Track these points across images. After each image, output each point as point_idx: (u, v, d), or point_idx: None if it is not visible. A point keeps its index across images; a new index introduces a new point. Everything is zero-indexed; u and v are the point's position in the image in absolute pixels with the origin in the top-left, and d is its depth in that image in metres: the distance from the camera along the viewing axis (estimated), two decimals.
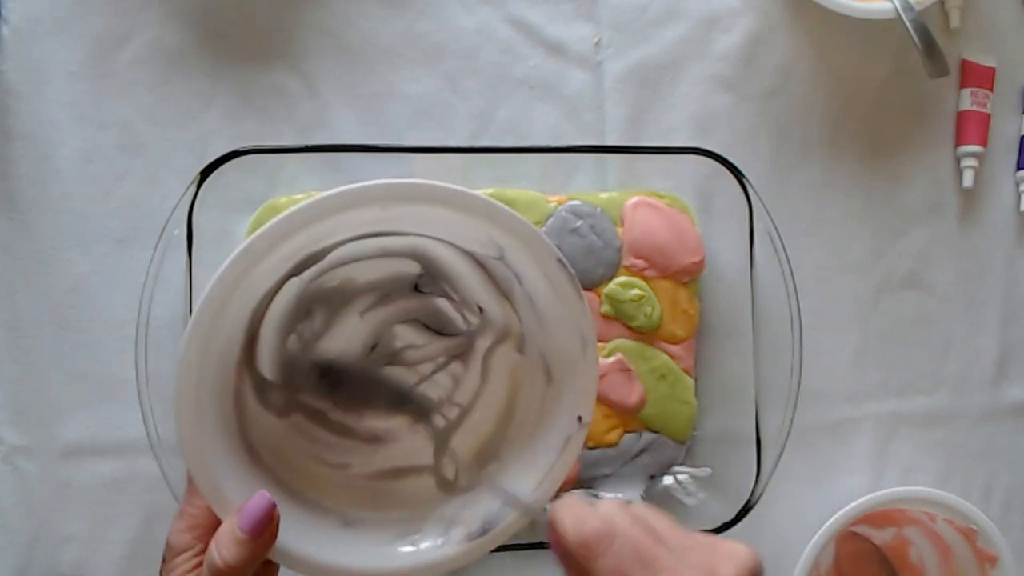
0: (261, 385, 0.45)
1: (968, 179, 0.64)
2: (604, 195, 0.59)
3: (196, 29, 0.59)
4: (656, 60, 0.62)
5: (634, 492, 0.58)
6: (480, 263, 0.46)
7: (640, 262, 0.58)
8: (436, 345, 0.48)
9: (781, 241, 0.56)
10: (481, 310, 0.47)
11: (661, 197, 0.59)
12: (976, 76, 0.64)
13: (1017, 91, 0.66)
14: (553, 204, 0.58)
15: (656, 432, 0.59)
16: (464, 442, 0.48)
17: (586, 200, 0.58)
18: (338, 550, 0.43)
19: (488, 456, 0.47)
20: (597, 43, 0.62)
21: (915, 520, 0.62)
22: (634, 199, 0.58)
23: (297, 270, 0.44)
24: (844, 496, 0.59)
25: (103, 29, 0.58)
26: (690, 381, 0.59)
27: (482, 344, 0.48)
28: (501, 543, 0.45)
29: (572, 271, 0.43)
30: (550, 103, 0.62)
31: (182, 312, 0.53)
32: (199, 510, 0.41)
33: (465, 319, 0.48)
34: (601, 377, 0.57)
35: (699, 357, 0.60)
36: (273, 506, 0.40)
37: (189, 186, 0.53)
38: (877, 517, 0.61)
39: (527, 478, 0.45)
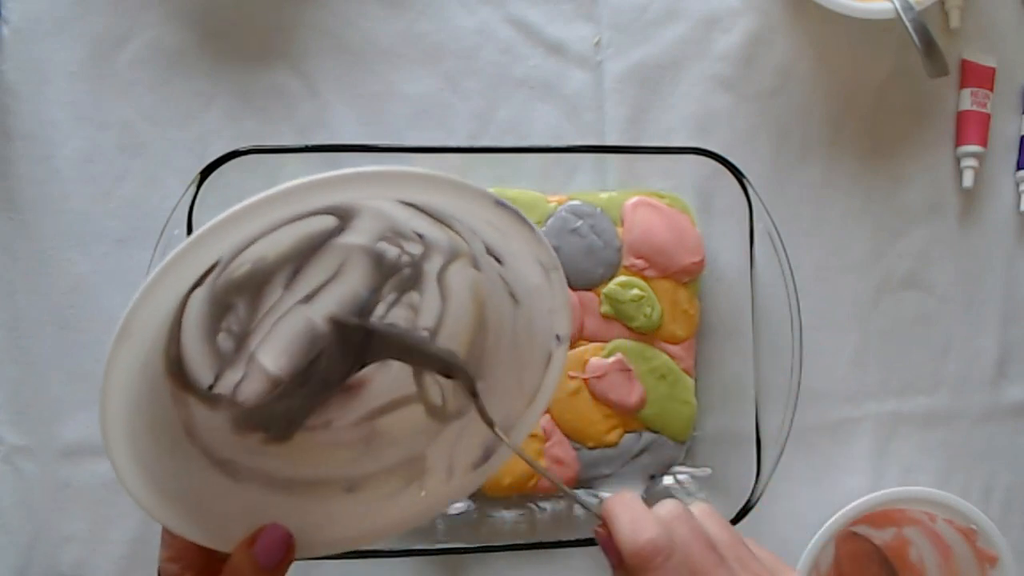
0: (207, 397, 0.41)
1: (968, 179, 0.64)
2: (604, 195, 0.59)
3: (196, 29, 0.59)
4: (656, 60, 0.62)
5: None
6: (408, 204, 0.41)
7: (640, 262, 0.58)
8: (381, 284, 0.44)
9: (781, 241, 0.56)
10: (420, 236, 0.43)
11: (661, 197, 0.59)
12: (976, 76, 0.64)
13: (1017, 91, 0.66)
14: (553, 204, 0.58)
15: (656, 432, 0.59)
16: None
17: (586, 200, 0.58)
18: (351, 519, 0.42)
19: (471, 376, 0.44)
20: (597, 43, 0.62)
21: (915, 520, 0.62)
22: (634, 199, 0.58)
23: (200, 281, 0.39)
24: (844, 496, 0.59)
25: (103, 29, 0.58)
26: (690, 381, 0.59)
27: (432, 267, 0.44)
28: (505, 460, 0.44)
29: (515, 208, 0.38)
30: (550, 103, 0.62)
31: None
32: (180, 539, 0.39)
33: (403, 249, 0.44)
34: (601, 377, 0.57)
35: (699, 357, 0.60)
36: (289, 536, 0.39)
37: (189, 186, 0.53)
38: (877, 517, 0.61)
39: (515, 399, 0.44)
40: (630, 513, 0.38)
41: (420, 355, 0.45)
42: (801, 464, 0.62)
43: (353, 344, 0.44)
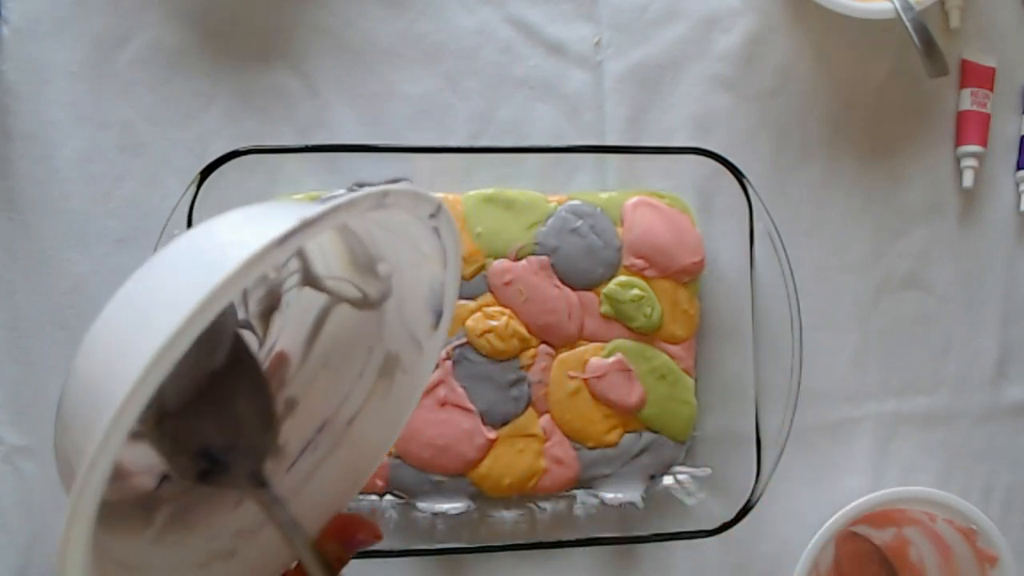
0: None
1: (968, 179, 0.64)
2: (604, 195, 0.59)
3: (196, 29, 0.59)
4: (656, 60, 0.62)
5: (634, 492, 0.58)
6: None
7: (640, 262, 0.58)
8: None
9: (781, 241, 0.56)
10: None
11: (661, 197, 0.59)
12: (976, 76, 0.64)
13: (1017, 91, 0.66)
14: (553, 204, 0.58)
15: (656, 432, 0.59)
16: (332, 265, 0.42)
17: (586, 200, 0.58)
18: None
19: (374, 263, 0.42)
20: (597, 43, 0.62)
21: (915, 520, 0.62)
22: (634, 199, 0.59)
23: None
24: (844, 496, 0.59)
25: (103, 29, 0.58)
26: (690, 381, 0.59)
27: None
28: (454, 303, 0.42)
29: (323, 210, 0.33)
30: (550, 103, 0.62)
31: None
32: None
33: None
34: (601, 377, 0.57)
35: (699, 357, 0.60)
36: None
37: (189, 186, 0.53)
38: (877, 517, 0.61)
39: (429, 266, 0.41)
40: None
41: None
42: (801, 464, 0.62)
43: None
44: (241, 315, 0.41)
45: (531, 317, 0.57)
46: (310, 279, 0.43)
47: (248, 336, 0.41)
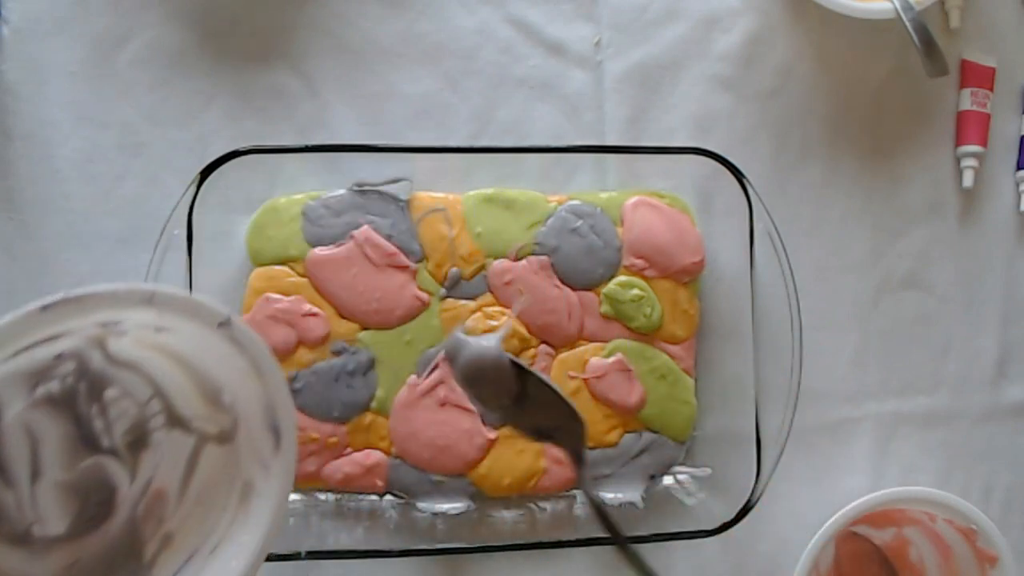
0: None
1: (968, 179, 0.64)
2: (604, 195, 0.59)
3: (196, 29, 0.59)
4: (656, 60, 0.62)
5: (634, 492, 0.58)
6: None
7: (640, 262, 0.58)
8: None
9: (781, 241, 0.56)
10: (58, 357, 0.44)
11: (661, 197, 0.59)
12: (976, 76, 0.64)
13: (1017, 91, 0.66)
14: (553, 204, 0.58)
15: (656, 432, 0.59)
16: (191, 404, 0.45)
17: (586, 200, 0.58)
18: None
19: (218, 394, 0.45)
20: (597, 43, 0.62)
21: (915, 520, 0.62)
22: (634, 199, 0.59)
23: None
24: (844, 496, 0.59)
25: (103, 29, 0.58)
26: (690, 381, 0.59)
27: (96, 363, 0.45)
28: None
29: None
30: (550, 103, 0.62)
31: None
32: None
33: (60, 378, 0.44)
34: (601, 377, 0.57)
35: (699, 357, 0.60)
36: None
37: (189, 186, 0.53)
38: (877, 517, 0.61)
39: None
40: None
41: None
42: (801, 464, 0.62)
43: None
44: (106, 442, 0.44)
45: (531, 317, 0.57)
46: (175, 420, 0.45)
47: (115, 466, 0.44)
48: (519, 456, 0.57)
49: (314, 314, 0.56)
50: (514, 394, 0.46)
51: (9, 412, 0.43)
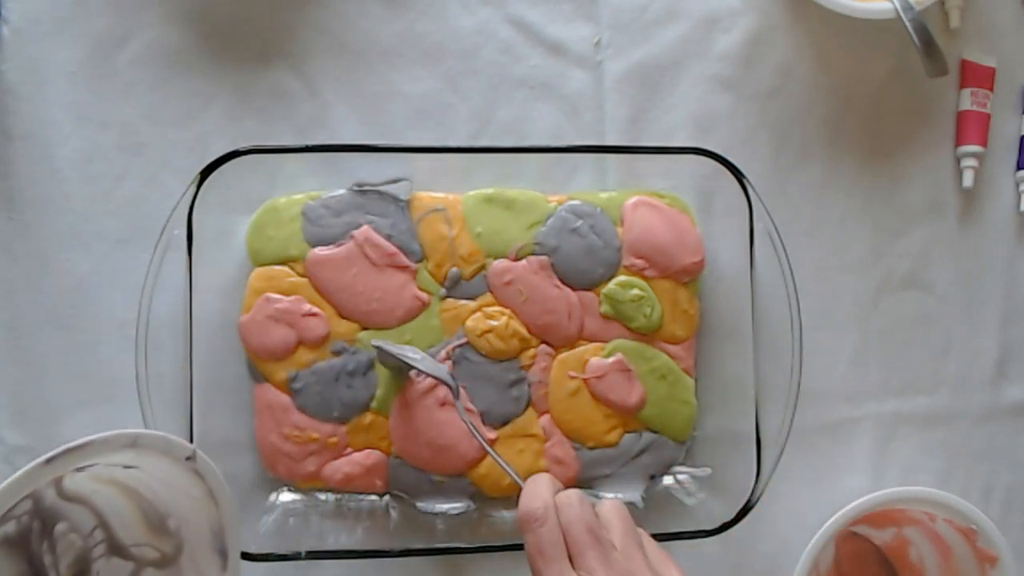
0: None
1: (968, 179, 0.64)
2: (604, 195, 0.59)
3: (196, 29, 0.59)
4: (656, 60, 0.62)
5: (634, 492, 0.58)
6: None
7: (640, 262, 0.58)
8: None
9: (781, 241, 0.56)
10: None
11: (661, 197, 0.59)
12: (976, 76, 0.64)
13: (1017, 91, 0.66)
14: (553, 204, 0.58)
15: (656, 432, 0.59)
16: (132, 531, 0.49)
17: (586, 200, 0.58)
18: None
19: (164, 520, 0.49)
20: (597, 43, 0.62)
21: (915, 520, 0.62)
22: (634, 199, 0.58)
23: None
24: (844, 496, 0.59)
25: (103, 29, 0.58)
26: (690, 381, 0.59)
27: (48, 499, 0.47)
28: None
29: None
30: (550, 103, 0.62)
31: (182, 312, 0.53)
32: None
33: (16, 518, 0.46)
34: (601, 377, 0.57)
35: (699, 357, 0.60)
36: None
37: (189, 186, 0.53)
38: (877, 517, 0.61)
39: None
40: (531, 487, 0.48)
41: None
42: (801, 464, 0.62)
43: None
44: None
45: (531, 317, 0.57)
46: (116, 548, 0.48)
47: None
48: (519, 456, 0.57)
49: (314, 314, 0.56)
50: None
51: None
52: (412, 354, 0.54)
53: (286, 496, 0.58)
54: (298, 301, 0.56)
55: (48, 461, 0.40)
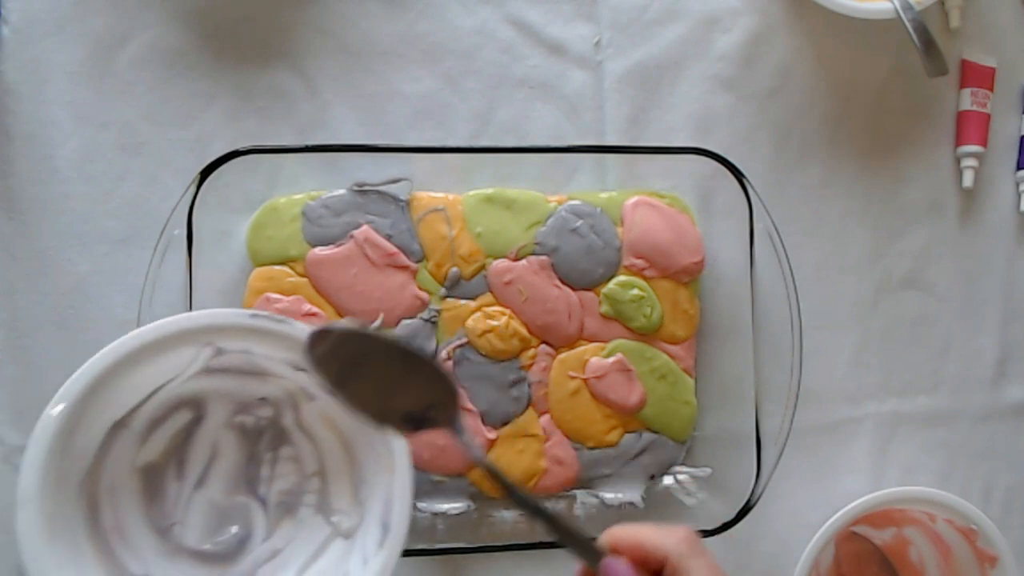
0: None
1: (968, 179, 0.64)
2: (604, 195, 0.59)
3: (196, 29, 0.59)
4: (656, 60, 0.62)
5: (634, 492, 0.58)
6: (219, 370, 0.48)
7: (640, 262, 0.58)
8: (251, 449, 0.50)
9: (781, 241, 0.56)
10: (263, 399, 0.50)
11: (661, 197, 0.59)
12: (976, 76, 0.64)
13: (1017, 91, 0.66)
14: (553, 204, 0.58)
15: (656, 432, 0.59)
16: (341, 495, 0.50)
17: (586, 200, 0.58)
18: None
19: (358, 484, 0.49)
20: (597, 43, 0.62)
21: (915, 520, 0.62)
22: (634, 199, 0.58)
23: (114, 427, 0.46)
24: (844, 496, 0.59)
25: (103, 29, 0.58)
26: (690, 381, 0.59)
27: (287, 420, 0.50)
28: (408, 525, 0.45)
29: (268, 314, 0.45)
30: (550, 103, 0.62)
31: (182, 312, 0.53)
32: None
33: (257, 416, 0.50)
34: (601, 377, 0.57)
35: (699, 357, 0.60)
36: None
37: (189, 186, 0.53)
38: (877, 517, 0.61)
39: (384, 477, 0.47)
40: (647, 526, 0.40)
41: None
42: (801, 464, 0.62)
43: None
44: (262, 490, 0.50)
45: (531, 317, 0.57)
46: (324, 507, 0.50)
47: (260, 517, 0.50)
48: (519, 456, 0.57)
49: (314, 314, 0.56)
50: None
51: (209, 422, 0.49)
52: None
53: None
54: (298, 301, 0.56)
55: (253, 316, 0.44)
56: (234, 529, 0.49)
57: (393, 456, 0.46)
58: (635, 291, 0.58)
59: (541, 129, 0.61)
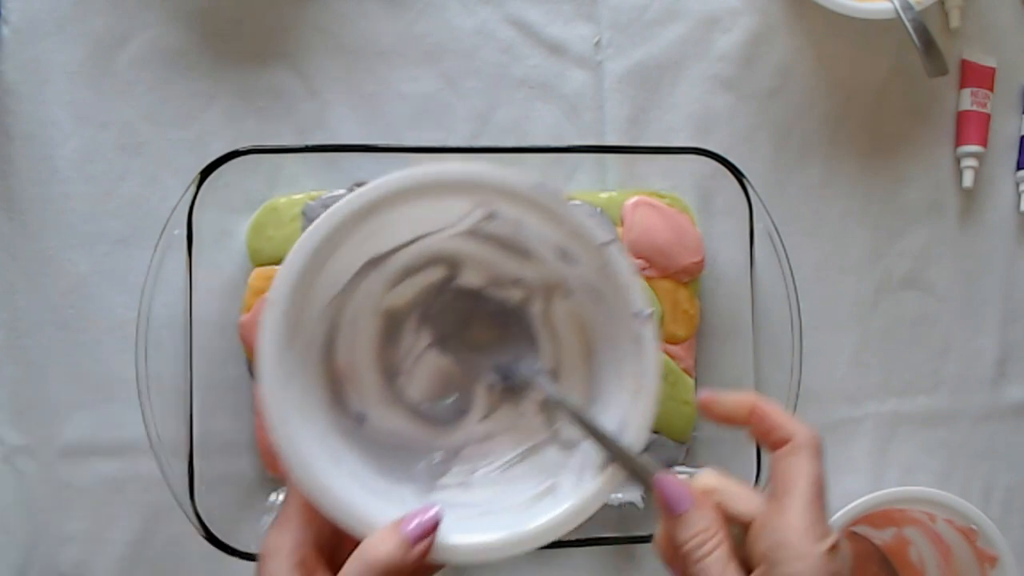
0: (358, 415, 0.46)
1: (968, 179, 0.64)
2: (604, 195, 0.59)
3: (196, 29, 0.59)
4: (656, 60, 0.62)
5: (634, 492, 0.58)
6: (484, 236, 0.46)
7: (640, 262, 0.58)
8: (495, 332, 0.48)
9: (781, 241, 0.56)
10: (517, 281, 0.48)
11: (661, 197, 0.59)
12: (976, 76, 0.64)
13: (1017, 91, 0.66)
14: None
15: (656, 432, 0.59)
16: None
17: (586, 200, 0.58)
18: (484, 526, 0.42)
19: (590, 400, 0.47)
20: (597, 43, 0.62)
21: (915, 520, 0.62)
22: (634, 199, 0.58)
23: (369, 263, 0.45)
24: (844, 496, 0.59)
25: (103, 29, 0.58)
26: (690, 381, 0.59)
27: (535, 310, 0.48)
28: (637, 454, 0.43)
29: (553, 189, 0.42)
30: (550, 103, 0.62)
31: (182, 312, 0.53)
32: (296, 510, 0.40)
33: (506, 296, 0.48)
34: None
35: (699, 357, 0.60)
36: (438, 520, 0.39)
37: (189, 186, 0.53)
38: (877, 517, 0.61)
39: (623, 398, 0.44)
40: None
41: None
42: None
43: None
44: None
45: None
46: (549, 410, 0.48)
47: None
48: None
49: None
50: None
51: (459, 286, 0.48)
52: None
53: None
54: None
55: (539, 186, 0.42)
56: (454, 399, 0.47)
57: (642, 379, 0.44)
58: None
59: (541, 129, 0.61)
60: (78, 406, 0.57)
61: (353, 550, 0.38)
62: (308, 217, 0.56)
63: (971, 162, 0.64)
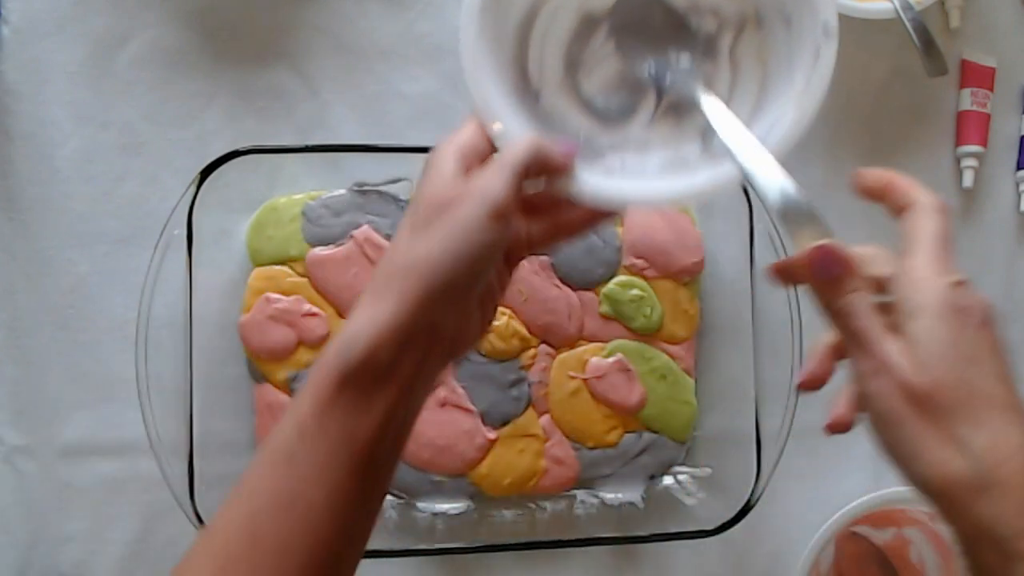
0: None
1: (968, 179, 0.64)
2: None
3: (196, 29, 0.59)
4: None
5: (634, 492, 0.58)
6: None
7: (640, 262, 0.58)
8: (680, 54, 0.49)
9: (781, 241, 0.56)
10: (715, 10, 0.48)
11: None
12: (976, 76, 0.64)
13: (1017, 91, 0.66)
14: None
15: (656, 432, 0.59)
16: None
17: None
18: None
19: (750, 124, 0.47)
20: None
21: (915, 520, 0.62)
22: None
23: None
24: (844, 496, 0.59)
25: (103, 29, 0.58)
26: (690, 381, 0.59)
27: (724, 43, 0.48)
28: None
29: None
30: None
31: (182, 312, 0.53)
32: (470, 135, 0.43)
33: (701, 23, 0.48)
34: (601, 377, 0.57)
35: (699, 357, 0.60)
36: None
37: (189, 186, 0.53)
38: (877, 517, 0.61)
39: (787, 101, 0.46)
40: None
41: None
42: (801, 464, 0.62)
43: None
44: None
45: (531, 317, 0.57)
46: (709, 139, 0.47)
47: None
48: (519, 456, 0.57)
49: (314, 314, 0.56)
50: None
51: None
52: None
53: None
54: (298, 301, 0.56)
55: None
56: (623, 101, 0.48)
57: (808, 85, 0.45)
58: (635, 291, 0.58)
59: None
60: (78, 406, 0.57)
61: None
62: (308, 217, 0.56)
63: (971, 162, 0.64)
